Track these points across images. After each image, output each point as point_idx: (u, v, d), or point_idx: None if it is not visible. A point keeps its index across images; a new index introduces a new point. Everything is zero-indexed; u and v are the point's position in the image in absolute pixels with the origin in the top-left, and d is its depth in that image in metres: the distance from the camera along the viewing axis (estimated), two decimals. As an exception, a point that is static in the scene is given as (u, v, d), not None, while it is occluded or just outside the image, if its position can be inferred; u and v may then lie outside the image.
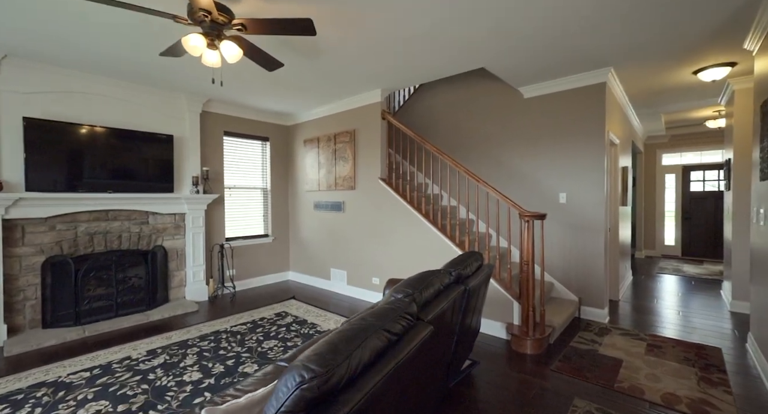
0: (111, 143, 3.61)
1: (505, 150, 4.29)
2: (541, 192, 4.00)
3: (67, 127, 3.35)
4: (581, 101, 3.71)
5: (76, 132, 3.40)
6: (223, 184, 4.81)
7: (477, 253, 2.49)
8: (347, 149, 4.60)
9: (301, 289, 5.00)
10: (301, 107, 4.94)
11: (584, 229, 3.70)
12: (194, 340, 3.10)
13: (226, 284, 4.72)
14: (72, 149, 3.38)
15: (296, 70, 3.52)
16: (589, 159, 3.67)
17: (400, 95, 5.57)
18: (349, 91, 4.22)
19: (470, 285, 2.04)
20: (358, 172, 4.50)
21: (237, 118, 4.95)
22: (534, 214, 2.89)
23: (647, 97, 4.51)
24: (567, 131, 3.81)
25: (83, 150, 3.44)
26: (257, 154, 5.30)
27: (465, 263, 2.18)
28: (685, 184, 7.33)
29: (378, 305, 1.37)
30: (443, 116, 4.92)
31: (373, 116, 4.31)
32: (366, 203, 4.40)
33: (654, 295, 4.57)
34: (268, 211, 5.39)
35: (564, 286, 3.85)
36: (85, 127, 3.46)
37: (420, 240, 3.85)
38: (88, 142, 3.47)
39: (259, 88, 4.05)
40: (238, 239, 4.97)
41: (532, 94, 4.05)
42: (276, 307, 4.09)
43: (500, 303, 3.23)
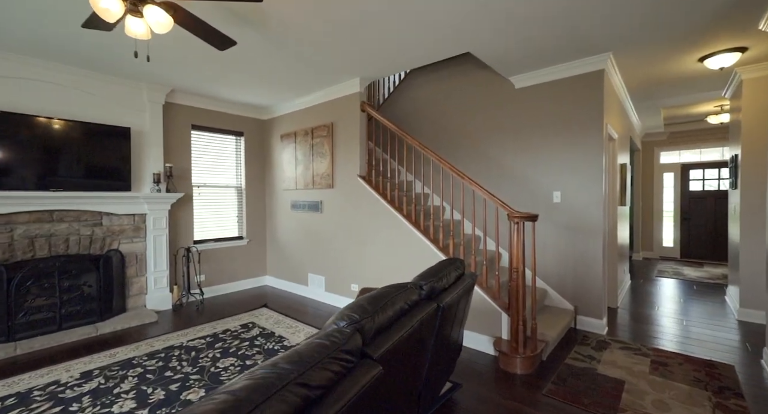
0: (56, 135, 3.23)
1: (495, 145, 3.95)
2: (534, 190, 3.67)
3: (1, 116, 2.97)
4: (578, 91, 3.38)
5: (12, 122, 3.02)
6: (191, 182, 4.43)
7: (457, 261, 2.15)
8: (325, 144, 4.24)
9: (277, 295, 4.63)
10: (278, 99, 4.58)
11: (581, 231, 3.37)
12: (141, 359, 2.73)
13: (192, 291, 4.34)
14: (9, 142, 2.99)
15: (264, 57, 3.16)
16: (586, 154, 3.34)
17: (384, 87, 5.23)
18: (325, 80, 3.87)
19: (445, 301, 1.69)
20: (337, 170, 4.14)
21: (207, 111, 4.58)
22: (524, 215, 2.56)
23: (647, 88, 4.19)
24: (562, 124, 3.48)
25: (22, 143, 3.06)
26: (231, 149, 4.93)
27: (440, 274, 1.83)
28: (684, 183, 7.05)
29: (311, 337, 1.02)
30: (430, 109, 4.58)
31: (351, 108, 3.96)
32: (344, 203, 4.05)
33: (654, 302, 4.26)
34: (243, 212, 5.02)
35: (559, 294, 3.52)
36: (24, 117, 3.08)
37: (401, 243, 3.51)
38: (28, 134, 3.08)
39: (222, 76, 3.69)
40: (208, 242, 4.60)
41: (524, 83, 3.72)
42: (244, 318, 3.72)
43: (487, 314, 2.89)
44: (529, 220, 2.57)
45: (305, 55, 3.20)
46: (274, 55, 3.18)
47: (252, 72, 3.58)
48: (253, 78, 3.76)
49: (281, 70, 3.56)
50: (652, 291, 4.75)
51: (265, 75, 3.68)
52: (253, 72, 3.58)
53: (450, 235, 3.13)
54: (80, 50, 3.02)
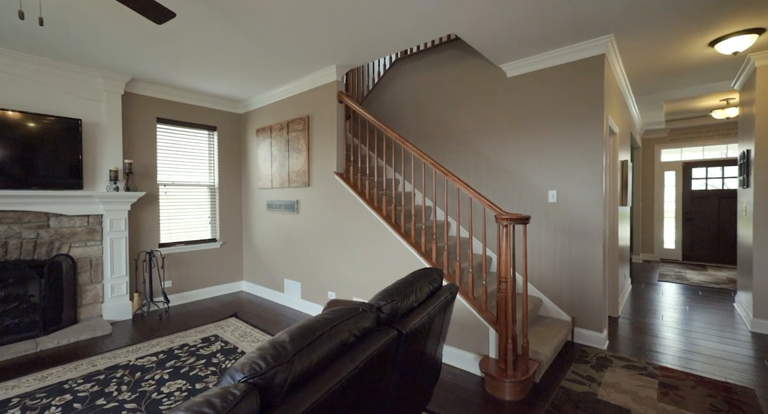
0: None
1: (486, 140, 3.62)
2: (527, 189, 3.34)
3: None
4: (576, 79, 3.05)
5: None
6: (156, 180, 4.07)
7: (434, 271, 1.82)
8: (301, 139, 3.90)
9: (251, 302, 4.28)
10: (253, 91, 4.23)
11: (579, 234, 3.04)
12: (75, 382, 2.37)
13: (156, 299, 3.98)
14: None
15: (226, 41, 2.81)
16: (585, 150, 3.01)
17: (369, 79, 4.88)
18: (299, 69, 3.52)
19: (411, 326, 1.35)
20: (313, 166, 3.80)
21: (175, 103, 4.22)
22: (513, 217, 2.22)
23: (650, 78, 3.87)
24: (559, 116, 3.15)
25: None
26: (203, 145, 4.57)
27: (407, 290, 1.49)
28: (686, 182, 6.75)
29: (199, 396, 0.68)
30: (416, 102, 4.24)
31: (328, 99, 3.61)
32: (321, 203, 3.71)
33: (658, 310, 3.93)
34: (216, 212, 4.66)
35: (554, 303, 3.19)
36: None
37: (380, 247, 3.17)
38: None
39: (183, 64, 3.33)
40: (177, 245, 4.25)
41: (516, 71, 3.38)
42: (208, 329, 3.37)
43: (473, 328, 2.56)
44: (520, 223, 2.23)
45: (273, 41, 2.85)
46: (237, 40, 2.84)
47: (216, 60, 3.24)
48: (219, 67, 3.41)
49: (249, 58, 3.21)
50: (655, 297, 4.43)
51: (231, 63, 3.33)
52: (217, 60, 3.24)
53: (433, 238, 2.80)
54: (17, 30, 2.67)
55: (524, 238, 2.31)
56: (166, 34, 2.77)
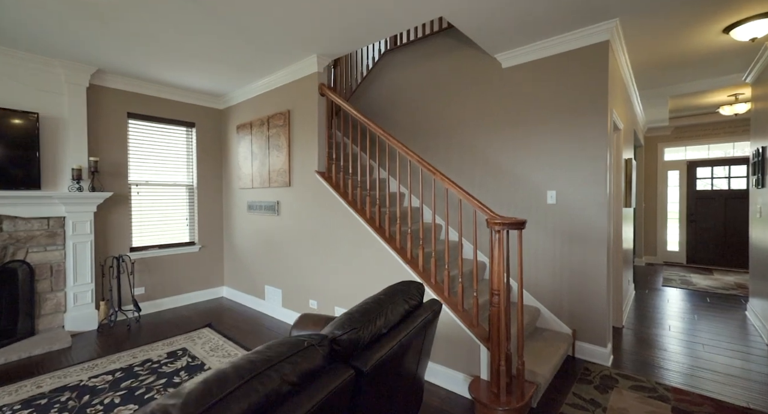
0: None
1: (481, 136, 3.35)
2: (524, 190, 3.07)
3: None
4: (577, 69, 2.78)
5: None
6: (128, 180, 3.80)
7: (412, 287, 1.55)
8: (281, 135, 3.63)
9: (231, 310, 4.01)
10: (232, 84, 3.96)
11: (580, 239, 2.78)
12: (11, 408, 2.10)
13: (125, 307, 3.71)
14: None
15: (201, 31, 2.54)
16: (587, 146, 2.75)
17: (357, 72, 4.62)
18: (278, 59, 3.25)
19: (375, 360, 1.08)
20: (294, 165, 3.53)
21: (148, 97, 3.94)
22: (507, 221, 1.95)
23: (656, 71, 3.60)
24: (558, 110, 2.88)
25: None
26: (181, 143, 4.30)
27: (374, 313, 1.23)
28: (691, 181, 6.49)
29: None
30: (406, 96, 3.97)
31: (309, 92, 3.34)
32: (302, 204, 3.44)
33: (664, 319, 3.67)
34: (195, 214, 4.39)
35: (554, 314, 2.92)
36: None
37: (363, 253, 2.90)
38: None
39: (152, 54, 3.06)
40: (150, 249, 3.97)
41: (512, 62, 3.12)
42: (177, 342, 3.10)
43: (463, 345, 2.29)
44: (514, 228, 1.96)
45: (247, 27, 2.58)
46: (209, 27, 2.56)
47: (189, 50, 2.96)
48: (192, 58, 3.14)
49: (223, 48, 2.94)
50: (660, 305, 4.16)
51: (205, 54, 3.06)
52: (189, 50, 2.96)
53: (420, 243, 2.53)
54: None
55: (519, 244, 2.04)
56: (133, 21, 2.50)
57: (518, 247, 2.04)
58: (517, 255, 2.03)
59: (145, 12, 2.44)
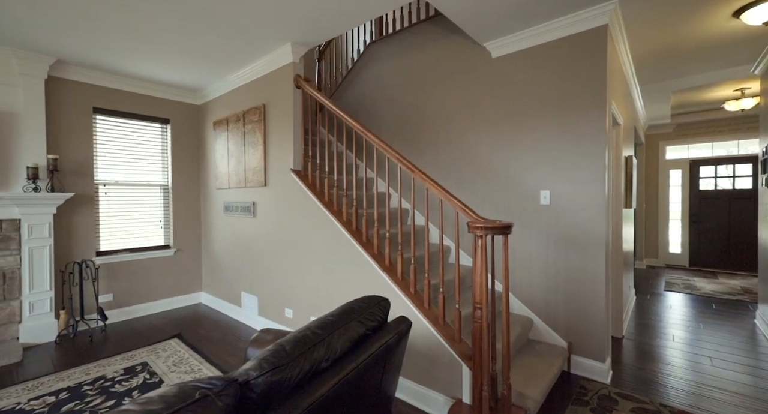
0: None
1: (469, 133, 3.10)
2: (516, 189, 2.83)
3: None
4: (573, 56, 2.54)
5: None
6: (94, 180, 3.55)
7: (374, 304, 1.31)
8: (257, 132, 3.39)
9: (207, 318, 3.77)
10: (206, 77, 3.72)
11: (576, 243, 2.53)
12: (-69, 436, 1.86)
13: (88, 317, 3.46)
14: None
15: (165, 18, 2.30)
16: (583, 142, 2.50)
17: (342, 65, 4.37)
18: (251, 48, 3.01)
19: (301, 410, 0.84)
20: (270, 163, 3.28)
21: (117, 91, 3.70)
22: (490, 225, 1.71)
23: (659, 62, 3.36)
24: (552, 103, 2.64)
25: None
26: (154, 140, 4.05)
27: (310, 343, 0.98)
28: (693, 181, 6.24)
29: None
30: (392, 89, 3.72)
31: (285, 84, 3.10)
32: (278, 205, 3.20)
33: (668, 328, 3.42)
34: (170, 215, 4.14)
35: (548, 326, 2.68)
36: None
37: (340, 258, 2.66)
38: None
39: (121, 44, 2.82)
40: (120, 253, 3.72)
41: (502, 51, 2.87)
42: (139, 355, 2.85)
43: (443, 363, 2.04)
44: (499, 232, 1.72)
45: (213, 11, 2.34)
46: (175, 15, 2.32)
47: (154, 40, 2.72)
48: (159, 48, 2.90)
49: (191, 37, 2.70)
50: (663, 312, 3.92)
51: (172, 44, 2.82)
52: (155, 40, 2.72)
53: (399, 248, 2.28)
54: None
55: (504, 251, 1.79)
56: (92, 8, 2.25)
57: (503, 254, 1.79)
58: (503, 262, 1.79)
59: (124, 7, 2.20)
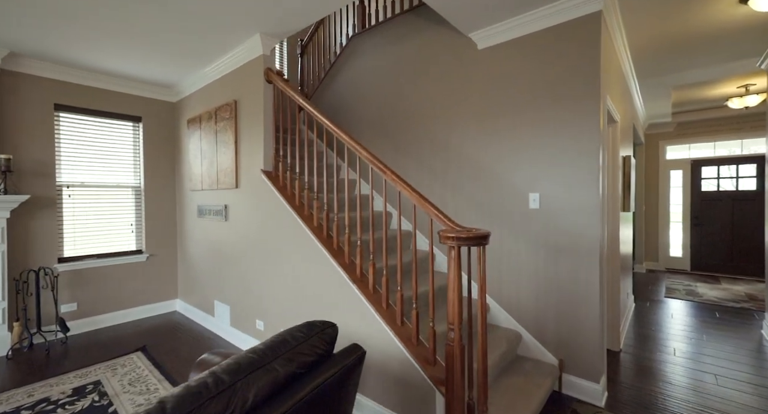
0: None
1: (454, 131, 2.88)
2: (503, 191, 2.60)
3: None
4: (564, 47, 2.32)
5: None
6: (56, 181, 3.33)
7: (316, 330, 1.10)
8: (228, 130, 3.17)
9: (179, 328, 3.54)
10: (179, 73, 3.50)
11: (568, 250, 2.31)
12: None
13: (46, 328, 3.23)
14: None
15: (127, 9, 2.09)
16: (576, 140, 2.28)
17: (325, 59, 4.15)
18: (218, 41, 2.79)
19: None
20: (241, 163, 3.06)
21: (83, 87, 3.48)
22: (463, 236, 1.48)
23: (659, 55, 3.14)
24: (542, 97, 2.42)
25: None
26: (126, 139, 3.83)
27: (212, 393, 0.76)
28: (695, 182, 6.01)
29: None
30: (374, 86, 3.50)
31: (255, 79, 2.88)
32: (250, 208, 2.98)
33: (668, 340, 3.20)
34: (142, 219, 3.92)
35: (537, 340, 2.45)
36: None
37: (310, 267, 2.43)
38: None
39: (79, 35, 2.60)
40: (87, 259, 3.50)
41: (489, 41, 2.65)
42: (95, 372, 2.63)
43: (416, 388, 1.82)
44: (474, 243, 1.49)
45: None
46: (135, 4, 2.11)
47: (113, 31, 2.50)
48: (120, 39, 2.68)
49: (153, 26, 2.48)
50: (663, 321, 3.69)
51: (136, 36, 2.60)
52: (114, 29, 2.50)
53: (371, 257, 2.06)
54: None
55: (481, 264, 1.57)
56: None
57: (479, 267, 1.57)
58: (479, 277, 1.56)
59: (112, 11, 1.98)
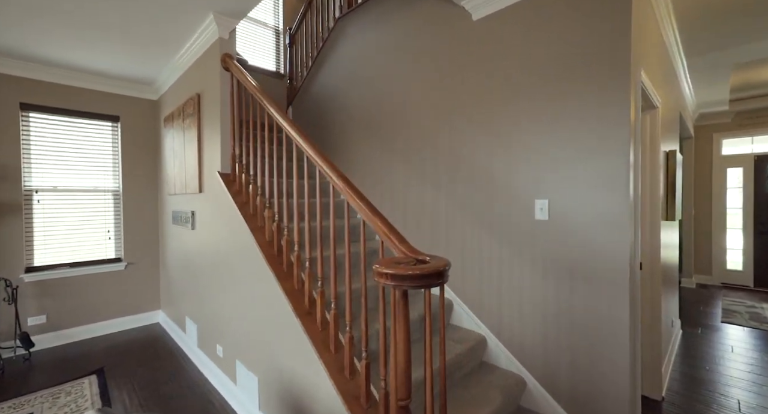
0: None
1: (445, 125, 2.37)
2: (502, 197, 2.07)
3: None
4: (579, 12, 1.76)
5: None
6: (22, 186, 3.13)
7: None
8: (192, 127, 2.82)
9: (155, 343, 3.26)
10: (150, 65, 3.21)
11: (586, 274, 1.74)
12: None
13: (3, 345, 3.02)
14: None
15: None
16: (598, 130, 1.72)
17: (312, 46, 3.74)
18: (173, 25, 2.44)
19: None
20: (204, 165, 2.70)
21: (51, 85, 3.26)
22: (401, 274, 0.99)
23: (715, 21, 2.46)
24: (552, 77, 1.86)
25: None
26: (104, 140, 3.60)
27: None
28: (759, 182, 5.07)
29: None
30: (361, 74, 3.05)
31: (214, 68, 2.50)
32: (213, 216, 2.61)
33: (730, 385, 2.51)
34: (121, 225, 3.68)
35: (545, 390, 1.90)
36: None
37: (258, 288, 2.01)
38: None
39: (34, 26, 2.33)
40: (59, 267, 3.29)
41: (485, 9, 2.12)
42: (33, 401, 2.35)
43: (364, 469, 1.34)
44: (417, 284, 0.99)
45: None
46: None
47: (63, 20, 2.20)
48: (75, 29, 2.39)
49: (101, 12, 2.16)
50: (721, 357, 2.97)
51: (91, 24, 2.30)
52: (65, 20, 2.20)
53: (319, 284, 1.61)
54: None
55: (429, 313, 1.09)
56: None
57: (441, 318, 1.07)
58: (440, 349, 1.06)
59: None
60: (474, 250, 2.20)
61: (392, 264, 1.01)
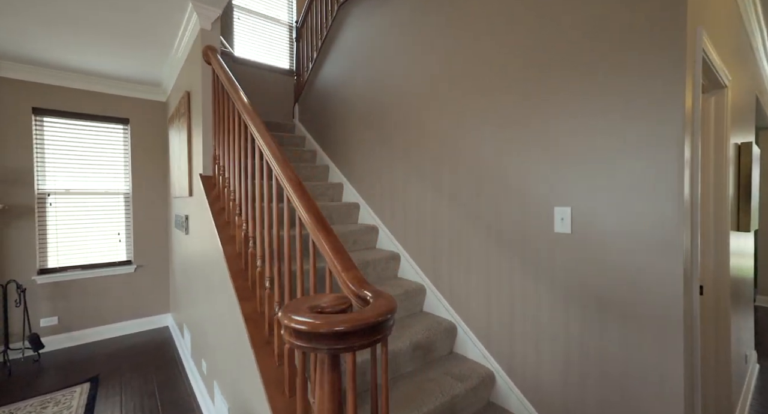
0: None
1: (446, 117, 2.01)
2: (514, 205, 1.67)
3: None
4: (611, -48, 1.34)
5: None
6: (35, 189, 3.17)
7: None
8: (184, 126, 2.68)
9: (161, 347, 3.21)
10: (153, 65, 3.13)
11: (622, 307, 1.33)
12: None
13: (13, 346, 3.06)
14: None
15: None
16: (638, 115, 1.29)
17: (316, 37, 3.49)
18: (156, 19, 2.29)
19: None
20: (193, 166, 2.54)
21: (63, 89, 3.28)
22: (315, 329, 0.67)
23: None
24: (578, 50, 1.45)
25: None
26: (116, 143, 3.60)
27: None
28: None
29: None
30: (362, 63, 2.75)
31: (198, 63, 2.32)
32: (198, 221, 2.44)
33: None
34: (131, 227, 3.67)
35: (564, 451, 1.49)
36: None
37: (227, 309, 1.78)
38: None
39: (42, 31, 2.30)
40: (71, 270, 3.32)
41: (494, -28, 1.73)
42: (21, 410, 2.31)
43: None
44: (345, 347, 0.67)
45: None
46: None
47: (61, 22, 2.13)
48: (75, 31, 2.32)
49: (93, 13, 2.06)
50: (812, 401, 2.33)
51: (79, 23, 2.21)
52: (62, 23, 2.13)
53: (276, 306, 1.34)
54: None
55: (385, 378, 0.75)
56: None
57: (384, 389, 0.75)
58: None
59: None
60: (481, 266, 1.82)
61: (296, 317, 0.69)
